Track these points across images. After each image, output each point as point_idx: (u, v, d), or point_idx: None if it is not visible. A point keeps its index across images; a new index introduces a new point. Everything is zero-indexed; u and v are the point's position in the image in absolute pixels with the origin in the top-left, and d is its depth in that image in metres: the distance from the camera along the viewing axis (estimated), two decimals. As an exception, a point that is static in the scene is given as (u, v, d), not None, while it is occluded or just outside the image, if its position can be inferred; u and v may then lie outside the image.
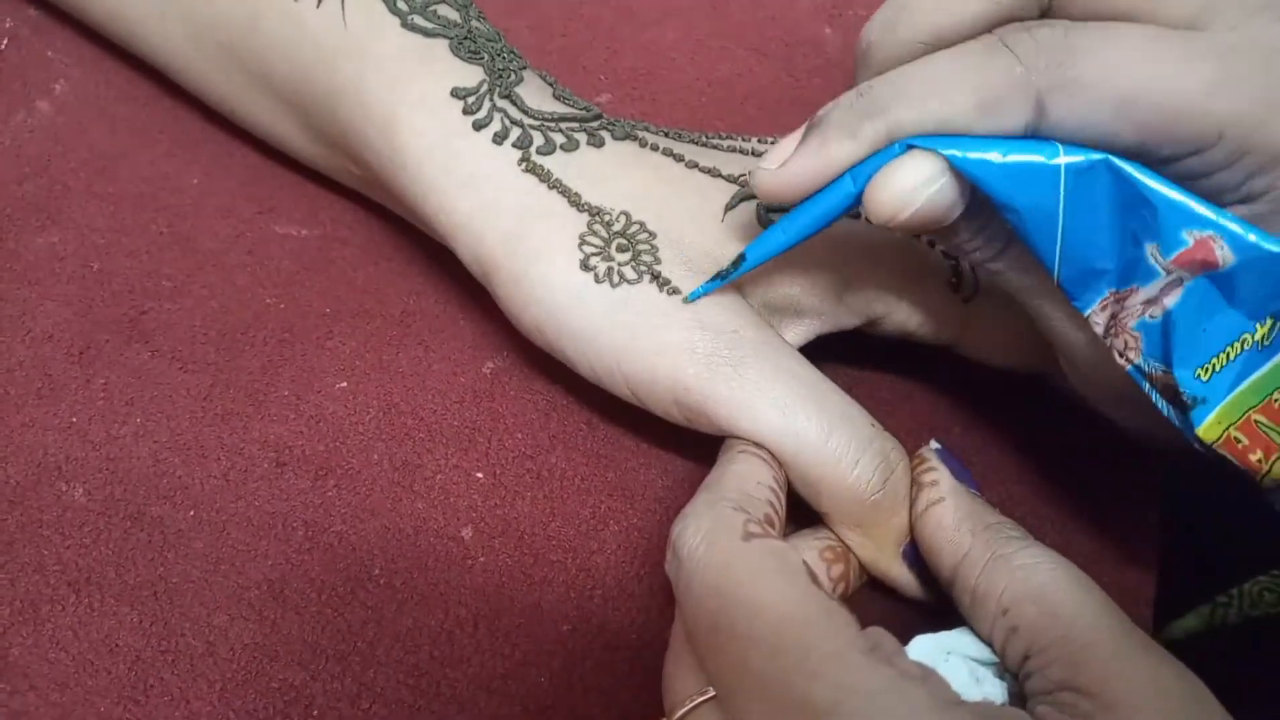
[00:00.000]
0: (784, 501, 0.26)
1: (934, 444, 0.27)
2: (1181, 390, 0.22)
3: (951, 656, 0.22)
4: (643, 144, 0.29)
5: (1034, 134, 0.22)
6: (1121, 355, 0.23)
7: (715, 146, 0.31)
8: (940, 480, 0.25)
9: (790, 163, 0.23)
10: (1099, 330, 0.23)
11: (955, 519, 0.25)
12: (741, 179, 0.29)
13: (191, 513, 0.29)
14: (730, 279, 0.26)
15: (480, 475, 0.30)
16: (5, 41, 0.37)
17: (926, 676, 0.21)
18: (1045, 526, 0.31)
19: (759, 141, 0.31)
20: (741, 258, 0.25)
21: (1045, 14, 0.23)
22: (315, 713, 0.27)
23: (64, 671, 0.27)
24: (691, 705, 0.23)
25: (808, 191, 0.24)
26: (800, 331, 0.29)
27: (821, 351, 0.30)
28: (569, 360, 0.28)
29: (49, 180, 0.35)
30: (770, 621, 0.21)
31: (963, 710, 0.20)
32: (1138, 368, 0.23)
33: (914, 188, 0.22)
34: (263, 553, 0.29)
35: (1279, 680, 0.21)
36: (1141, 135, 0.22)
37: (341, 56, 0.29)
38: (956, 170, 0.22)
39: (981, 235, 0.24)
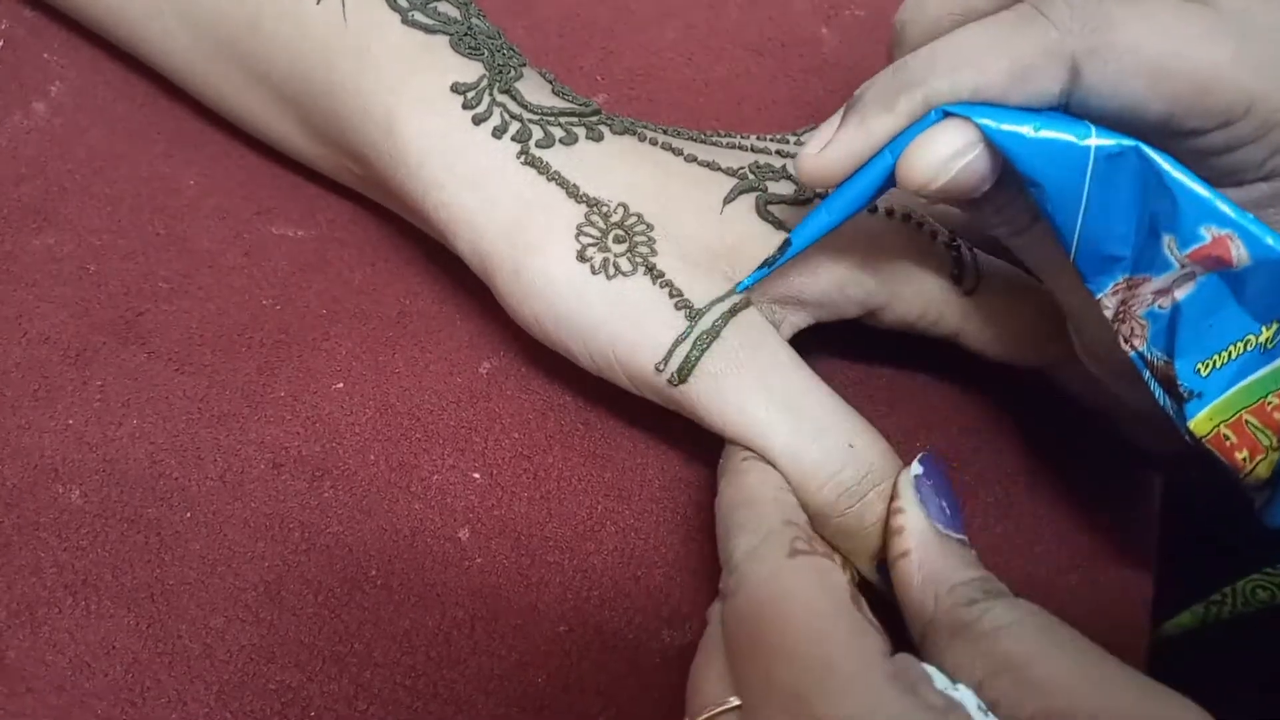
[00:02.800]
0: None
1: (915, 468, 0.25)
2: (1179, 382, 0.22)
3: (960, 686, 0.22)
4: (641, 138, 0.29)
5: (1067, 103, 0.22)
6: (1127, 341, 0.23)
7: (714, 143, 0.31)
8: (907, 527, 0.25)
9: (831, 144, 0.24)
10: (1109, 314, 0.23)
11: (920, 580, 0.24)
12: (740, 172, 0.29)
13: (188, 514, 0.29)
14: (777, 265, 0.26)
15: (477, 476, 0.30)
16: (1, 43, 0.37)
17: (949, 709, 0.20)
18: (1045, 526, 0.31)
19: (757, 139, 0.31)
20: (787, 243, 0.25)
21: None
22: (312, 714, 0.27)
23: (61, 674, 0.27)
24: (713, 712, 0.22)
25: (851, 170, 0.24)
26: (800, 319, 0.29)
27: (821, 346, 0.30)
28: (569, 352, 0.28)
29: (45, 182, 0.35)
30: (799, 636, 0.21)
31: None
32: (1140, 355, 0.23)
33: (949, 156, 0.22)
34: (259, 554, 0.29)
35: (1269, 673, 0.21)
36: (1171, 105, 0.22)
37: (341, 53, 0.29)
38: (990, 141, 0.22)
39: (1007, 211, 0.24)
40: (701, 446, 0.30)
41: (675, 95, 0.38)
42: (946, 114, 0.22)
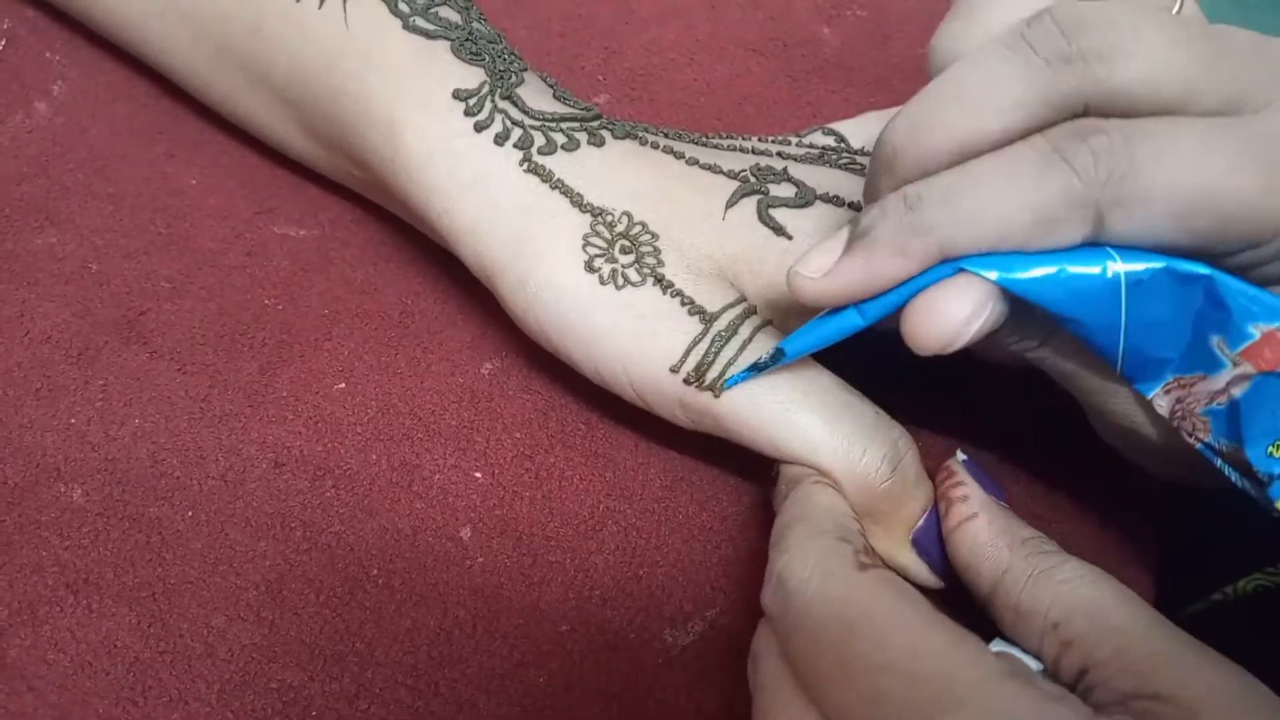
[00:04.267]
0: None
1: (960, 455, 0.27)
2: (1255, 468, 0.22)
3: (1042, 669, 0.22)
4: (643, 142, 0.29)
5: (1088, 245, 0.21)
6: (1190, 435, 0.23)
7: (715, 146, 0.31)
8: (971, 494, 0.25)
9: (835, 273, 0.22)
10: (1163, 412, 0.23)
11: (991, 534, 0.24)
12: (741, 175, 0.29)
13: (190, 513, 0.29)
14: (767, 371, 0.26)
15: (479, 475, 0.30)
16: (3, 42, 0.37)
17: (1064, 696, 0.21)
18: (1045, 526, 0.30)
19: (759, 140, 0.31)
20: (780, 351, 0.25)
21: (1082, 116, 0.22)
22: (314, 713, 0.27)
23: (62, 673, 0.27)
24: None
25: (851, 301, 0.23)
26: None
27: (818, 350, 0.30)
28: (574, 362, 0.28)
29: (47, 181, 0.35)
30: (905, 651, 0.21)
31: None
32: (1208, 445, 0.23)
33: (962, 321, 0.21)
34: (261, 553, 0.29)
35: (1267, 657, 0.21)
36: (1198, 240, 0.21)
37: (343, 58, 0.29)
38: (999, 295, 0.21)
39: (1020, 333, 0.23)
40: (703, 447, 0.30)
41: (677, 95, 0.38)
42: (960, 270, 0.21)
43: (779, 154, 0.30)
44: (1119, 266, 0.21)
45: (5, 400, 0.31)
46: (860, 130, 0.32)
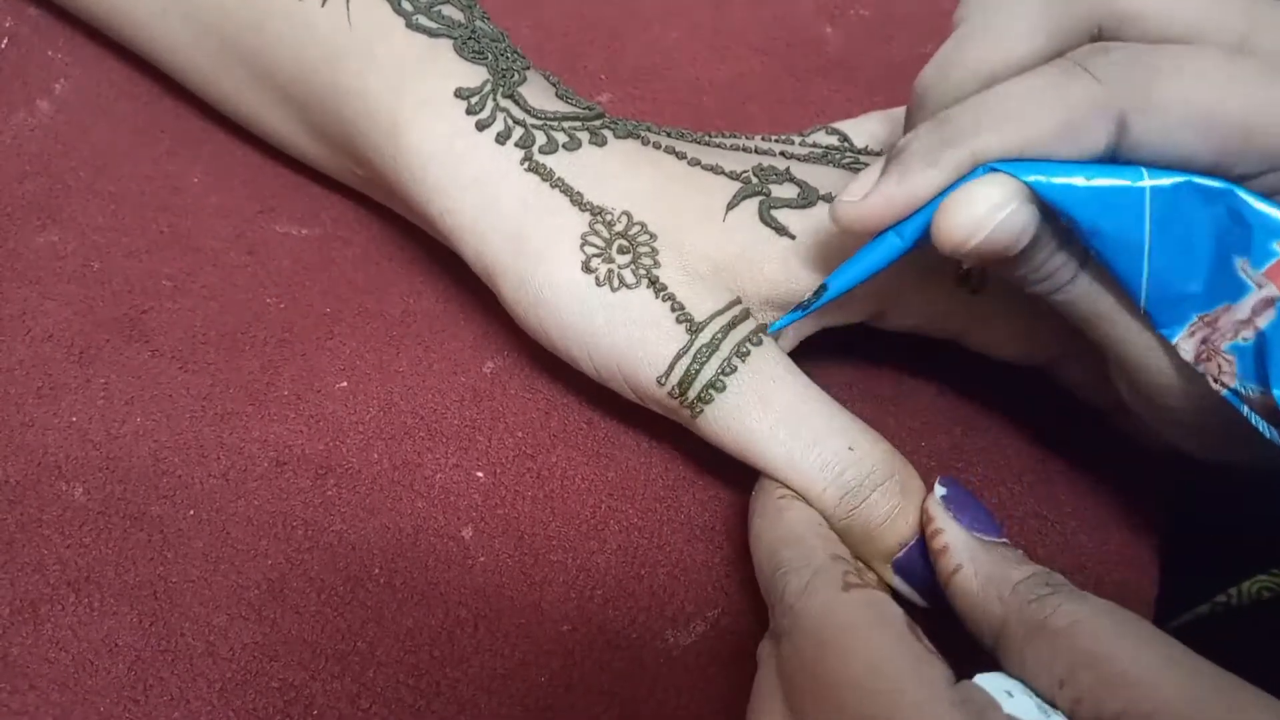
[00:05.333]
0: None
1: (939, 490, 0.26)
2: None
3: (1016, 693, 0.22)
4: (645, 142, 0.29)
5: (1114, 156, 0.22)
6: (1216, 380, 0.22)
7: (718, 145, 0.31)
8: (951, 543, 0.24)
9: (873, 195, 0.23)
10: (1188, 357, 0.23)
11: (979, 586, 0.24)
12: (744, 175, 0.29)
13: (191, 512, 0.29)
14: (811, 310, 0.26)
15: (480, 475, 0.30)
16: (5, 41, 0.37)
17: None
18: (1046, 526, 0.31)
19: (761, 140, 0.31)
20: (823, 288, 0.25)
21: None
22: (315, 712, 0.27)
23: (64, 671, 0.27)
24: None
25: (890, 223, 0.23)
26: (806, 326, 0.29)
27: (823, 347, 0.30)
28: (573, 360, 0.28)
29: (49, 179, 0.35)
30: (863, 667, 0.21)
31: None
32: (1235, 392, 0.22)
33: (985, 212, 0.22)
34: (262, 552, 0.29)
35: (1267, 662, 0.21)
36: (1220, 154, 0.21)
37: (346, 57, 0.29)
38: (1028, 197, 0.22)
39: (1045, 268, 0.23)
40: (704, 447, 0.30)
41: (679, 95, 0.38)
42: (992, 170, 0.22)
43: (782, 153, 0.30)
44: (1145, 181, 0.21)
45: (7, 399, 0.31)
46: (863, 129, 0.32)
